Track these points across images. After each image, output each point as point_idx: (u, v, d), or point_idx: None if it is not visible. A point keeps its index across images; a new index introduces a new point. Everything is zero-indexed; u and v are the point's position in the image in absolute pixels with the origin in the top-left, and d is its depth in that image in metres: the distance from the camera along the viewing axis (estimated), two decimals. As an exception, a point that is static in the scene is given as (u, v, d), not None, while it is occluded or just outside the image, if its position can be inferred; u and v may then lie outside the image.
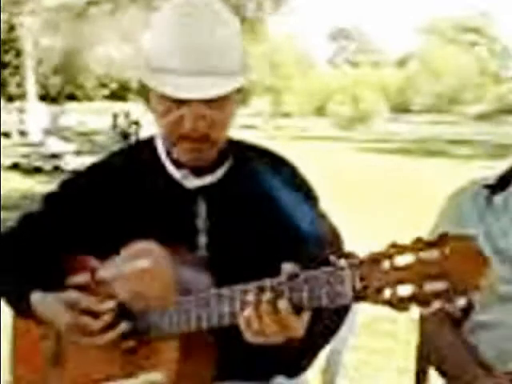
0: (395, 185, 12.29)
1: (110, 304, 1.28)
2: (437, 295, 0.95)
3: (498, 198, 1.49)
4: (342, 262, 1.03)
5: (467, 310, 1.46)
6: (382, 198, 10.56)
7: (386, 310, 1.00)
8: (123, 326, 1.27)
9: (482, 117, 38.92)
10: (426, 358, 1.62)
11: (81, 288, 1.34)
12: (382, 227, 7.90)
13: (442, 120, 39.27)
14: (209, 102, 1.27)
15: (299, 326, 1.11)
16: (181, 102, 1.27)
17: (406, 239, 0.99)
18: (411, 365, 1.69)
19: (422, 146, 22.40)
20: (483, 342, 1.44)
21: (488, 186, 1.52)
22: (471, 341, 1.46)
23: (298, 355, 1.30)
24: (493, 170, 1.65)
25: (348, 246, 1.41)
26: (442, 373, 1.52)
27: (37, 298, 1.33)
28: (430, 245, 0.96)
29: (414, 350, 1.66)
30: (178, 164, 1.37)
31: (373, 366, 3.57)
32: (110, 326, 1.27)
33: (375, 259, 1.00)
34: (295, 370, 1.38)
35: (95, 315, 1.27)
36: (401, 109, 43.55)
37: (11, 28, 21.78)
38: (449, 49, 44.71)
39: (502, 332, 1.42)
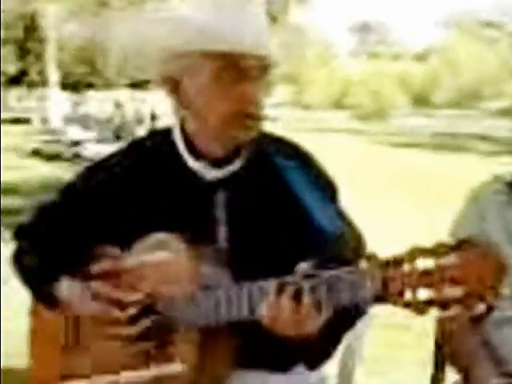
0: (413, 179, 12.22)
1: (137, 296, 1.29)
2: (455, 300, 0.96)
3: None
4: (364, 263, 1.03)
5: (489, 309, 1.46)
6: (401, 193, 10.52)
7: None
8: (147, 322, 1.28)
9: (503, 112, 38.39)
10: (443, 352, 1.63)
11: (104, 276, 1.35)
12: (400, 222, 7.87)
13: (463, 114, 38.90)
14: (255, 80, 1.29)
15: (316, 323, 1.12)
16: (237, 80, 1.28)
17: (424, 234, 1.00)
18: (427, 358, 1.70)
19: (442, 141, 22.23)
20: (504, 336, 1.45)
21: (509, 183, 1.51)
22: (493, 335, 1.46)
23: (318, 346, 1.29)
24: (513, 165, 1.64)
25: (367, 239, 1.40)
26: (458, 367, 1.52)
27: (64, 285, 1.35)
28: (450, 249, 0.97)
29: (429, 343, 1.66)
30: (196, 155, 1.37)
31: (389, 359, 3.58)
32: (135, 319, 1.28)
33: (396, 262, 1.00)
34: (315, 361, 1.38)
35: (122, 307, 1.28)
36: (421, 103, 43.15)
37: (33, 16, 21.92)
38: (470, 43, 44.17)
39: None
